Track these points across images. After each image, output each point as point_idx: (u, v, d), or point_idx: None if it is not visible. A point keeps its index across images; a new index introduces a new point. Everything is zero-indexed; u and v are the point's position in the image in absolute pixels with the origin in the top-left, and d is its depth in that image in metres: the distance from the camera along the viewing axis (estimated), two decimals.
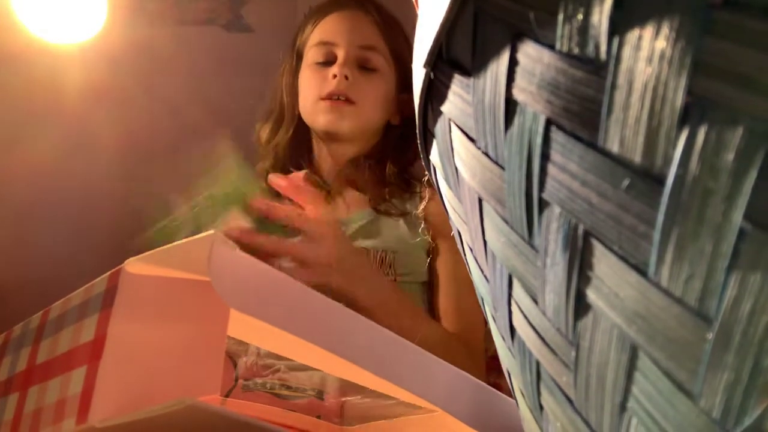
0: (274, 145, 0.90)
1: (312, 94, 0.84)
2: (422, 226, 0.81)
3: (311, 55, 0.87)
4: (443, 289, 0.77)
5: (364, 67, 0.85)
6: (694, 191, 0.10)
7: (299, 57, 0.91)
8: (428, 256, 0.80)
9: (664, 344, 0.11)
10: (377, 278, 0.70)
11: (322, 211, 0.67)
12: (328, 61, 0.85)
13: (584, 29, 0.12)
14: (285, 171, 0.87)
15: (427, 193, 0.83)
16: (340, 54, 0.83)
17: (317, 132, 0.87)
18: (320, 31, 0.87)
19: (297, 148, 0.90)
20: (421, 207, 0.82)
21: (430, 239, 0.80)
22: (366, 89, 0.84)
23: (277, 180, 0.68)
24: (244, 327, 0.25)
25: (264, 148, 0.91)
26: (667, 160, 0.11)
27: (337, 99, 0.82)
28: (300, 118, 0.89)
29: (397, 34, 0.88)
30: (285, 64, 0.93)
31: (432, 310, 0.80)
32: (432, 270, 0.81)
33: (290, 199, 0.68)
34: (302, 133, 0.90)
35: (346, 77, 0.82)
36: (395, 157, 0.88)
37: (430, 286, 0.81)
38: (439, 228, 0.81)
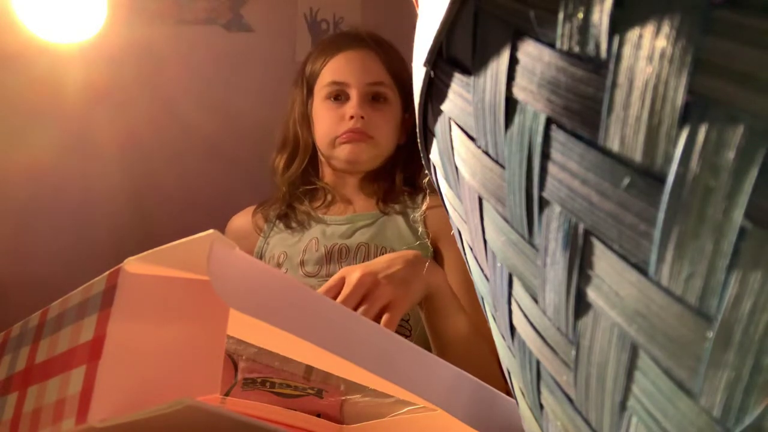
0: (289, 176, 0.97)
1: (330, 132, 0.91)
2: (421, 229, 0.84)
3: (323, 92, 0.93)
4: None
5: (374, 99, 0.92)
6: (694, 190, 0.10)
7: (309, 90, 0.97)
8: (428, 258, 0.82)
9: (664, 343, 0.11)
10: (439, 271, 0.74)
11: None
12: (340, 97, 0.92)
13: (585, 28, 0.12)
14: (296, 191, 0.95)
15: (427, 199, 0.87)
16: (353, 94, 0.91)
17: (336, 164, 0.93)
18: (331, 71, 0.93)
19: (308, 171, 0.98)
20: (422, 208, 0.86)
21: (429, 242, 0.84)
22: (379, 122, 0.91)
23: None
24: (244, 327, 0.25)
25: (281, 177, 0.98)
26: (668, 159, 0.11)
27: (356, 133, 0.89)
28: (313, 148, 0.97)
29: (396, 61, 0.95)
30: (295, 96, 0.99)
31: None
32: None
33: None
34: (314, 158, 0.98)
35: (362, 117, 0.89)
36: (404, 170, 0.95)
37: None
38: (441, 234, 0.86)
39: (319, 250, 0.86)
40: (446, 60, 0.17)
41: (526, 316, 0.15)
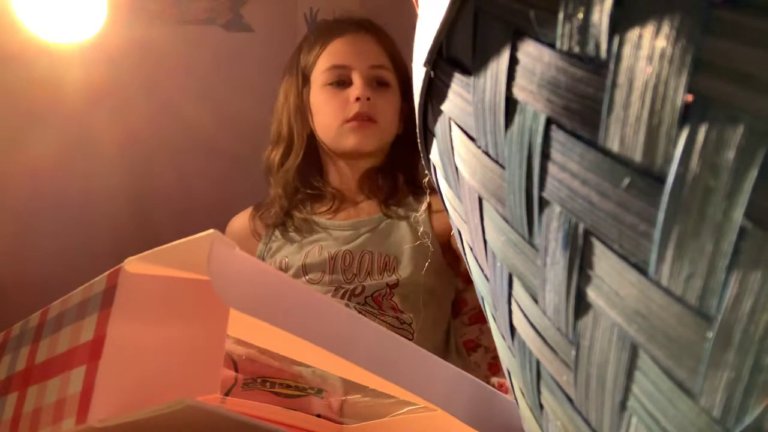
0: (285, 170, 0.93)
1: (336, 117, 0.88)
2: (421, 230, 0.83)
3: (323, 78, 0.90)
4: None
5: (377, 84, 0.90)
6: (694, 190, 0.10)
7: (305, 80, 0.94)
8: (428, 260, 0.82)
9: (664, 343, 0.11)
10: None
11: None
12: (342, 83, 0.89)
13: (585, 28, 0.12)
14: (296, 193, 0.92)
15: (428, 199, 0.86)
16: (356, 77, 0.88)
17: (341, 152, 0.91)
18: (329, 56, 0.91)
19: (307, 167, 0.94)
20: (422, 208, 0.85)
21: (430, 243, 0.83)
22: (383, 106, 0.89)
23: None
24: (244, 327, 0.25)
25: (276, 173, 0.94)
26: (668, 159, 0.11)
27: (362, 119, 0.87)
28: (309, 140, 0.93)
29: (394, 49, 0.93)
30: (289, 87, 0.96)
31: (434, 317, 0.83)
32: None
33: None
34: (312, 153, 0.94)
35: (368, 98, 0.86)
36: (404, 166, 0.93)
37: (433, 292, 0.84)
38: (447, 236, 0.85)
39: (322, 255, 0.85)
40: (446, 60, 0.17)
41: (526, 316, 0.15)
